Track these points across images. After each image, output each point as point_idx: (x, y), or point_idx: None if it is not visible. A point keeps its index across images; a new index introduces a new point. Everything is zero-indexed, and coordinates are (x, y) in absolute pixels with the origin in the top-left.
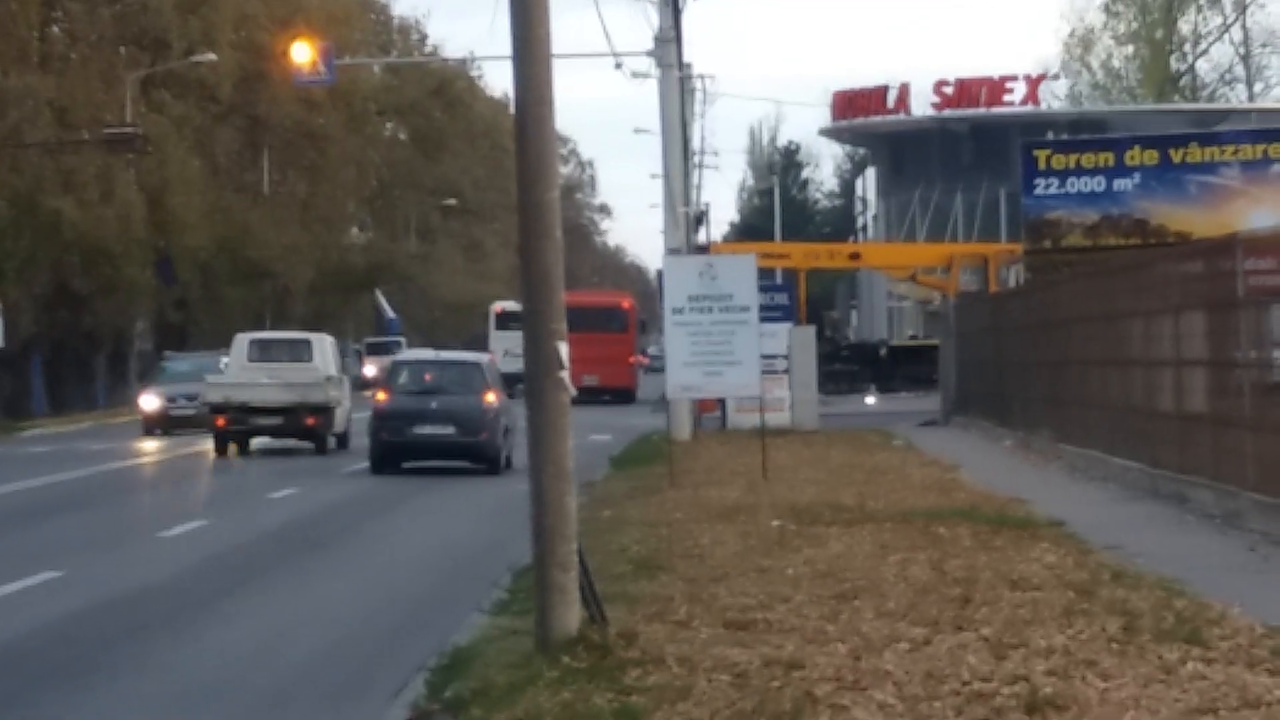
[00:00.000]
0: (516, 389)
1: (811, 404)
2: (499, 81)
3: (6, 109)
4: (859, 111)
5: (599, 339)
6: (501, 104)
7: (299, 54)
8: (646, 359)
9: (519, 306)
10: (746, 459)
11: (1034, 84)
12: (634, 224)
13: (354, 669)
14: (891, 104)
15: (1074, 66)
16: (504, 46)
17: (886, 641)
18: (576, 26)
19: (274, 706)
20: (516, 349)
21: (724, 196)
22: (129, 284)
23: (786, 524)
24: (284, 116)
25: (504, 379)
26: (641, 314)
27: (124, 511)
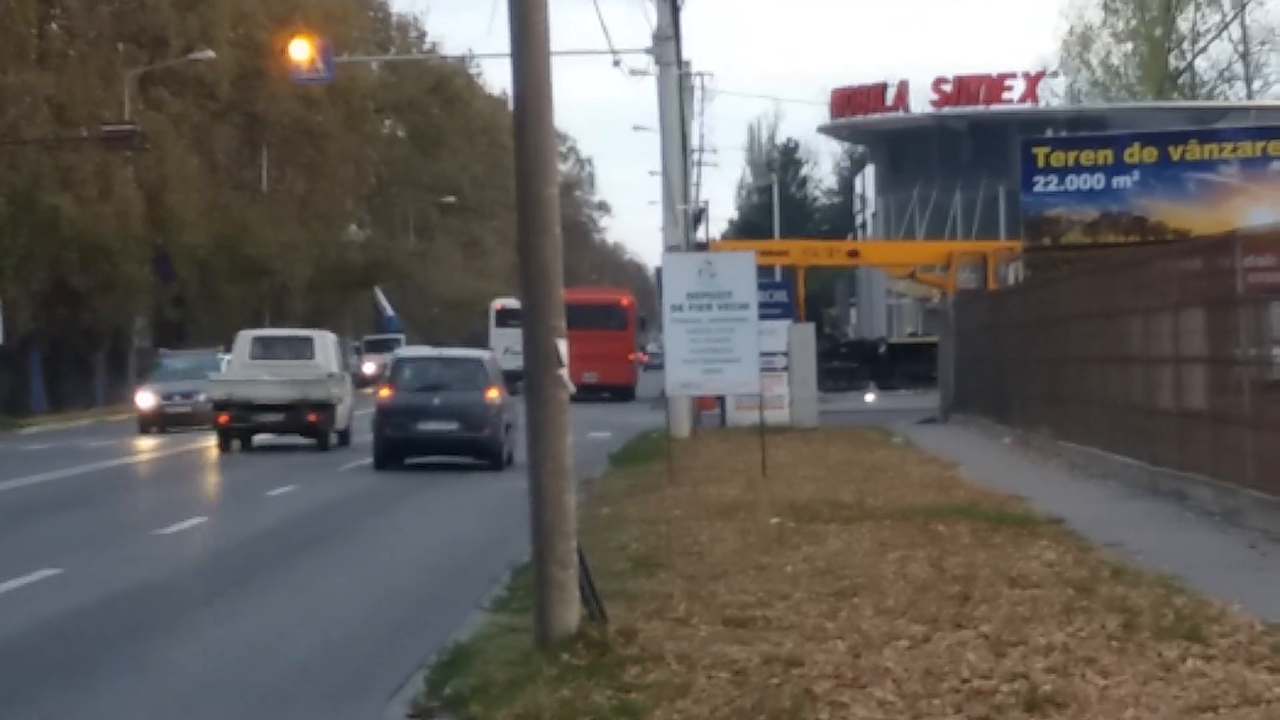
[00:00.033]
0: (517, 386)
1: (810, 401)
2: (498, 79)
3: (5, 106)
4: (858, 109)
5: (598, 336)
6: (500, 101)
7: (297, 51)
8: (646, 356)
9: (519, 304)
10: (746, 456)
11: (1033, 81)
12: (633, 221)
13: (353, 667)
14: (890, 101)
15: (1073, 64)
16: (503, 44)
17: (886, 639)
18: (575, 24)
19: (273, 705)
20: (516, 346)
21: (723, 194)
22: (127, 281)
23: (786, 521)
24: (282, 114)
25: (505, 376)
26: (641, 311)
27: (123, 509)
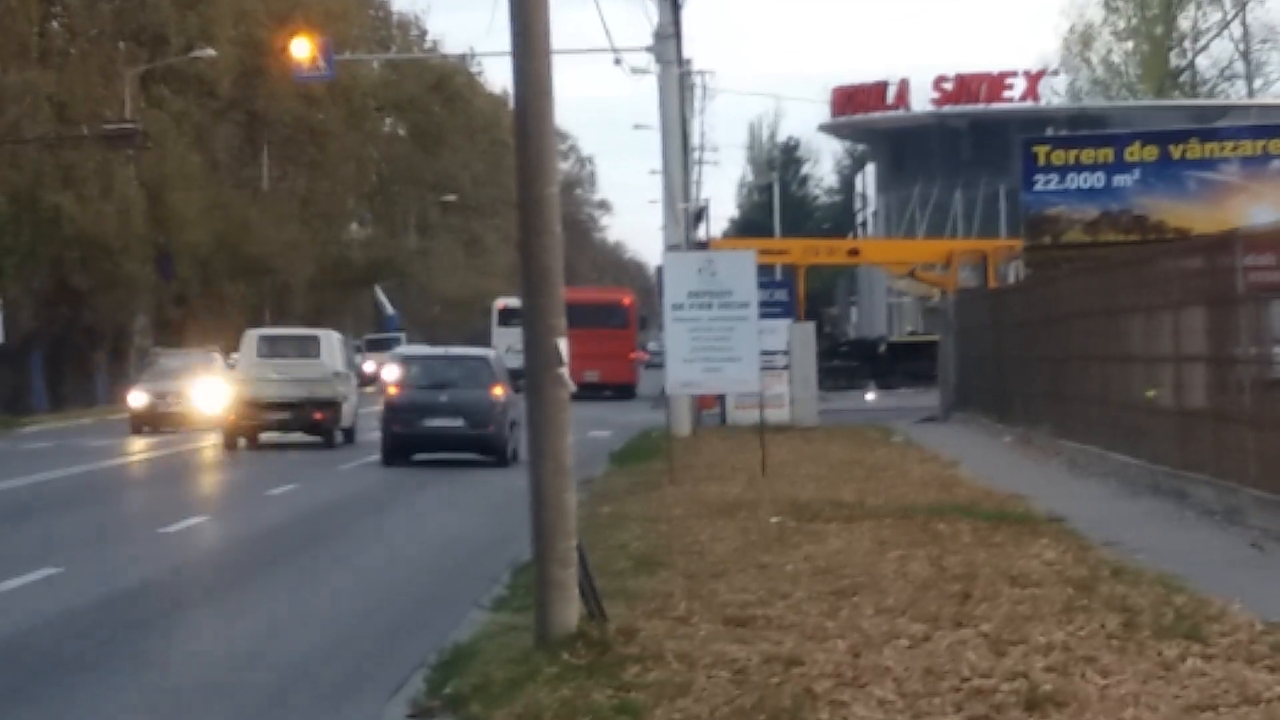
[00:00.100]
0: (520, 384)
1: (811, 400)
2: (498, 77)
3: (6, 104)
4: (858, 107)
5: (599, 335)
6: (501, 99)
7: (298, 49)
8: (646, 355)
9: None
10: (746, 455)
11: (1034, 80)
12: (633, 220)
13: (353, 666)
14: (891, 100)
15: (1074, 62)
16: (503, 42)
17: (886, 638)
18: (576, 22)
19: (273, 704)
20: (519, 345)
21: (723, 192)
22: (129, 280)
23: (786, 520)
24: (283, 112)
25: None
26: (641, 310)
27: (124, 507)
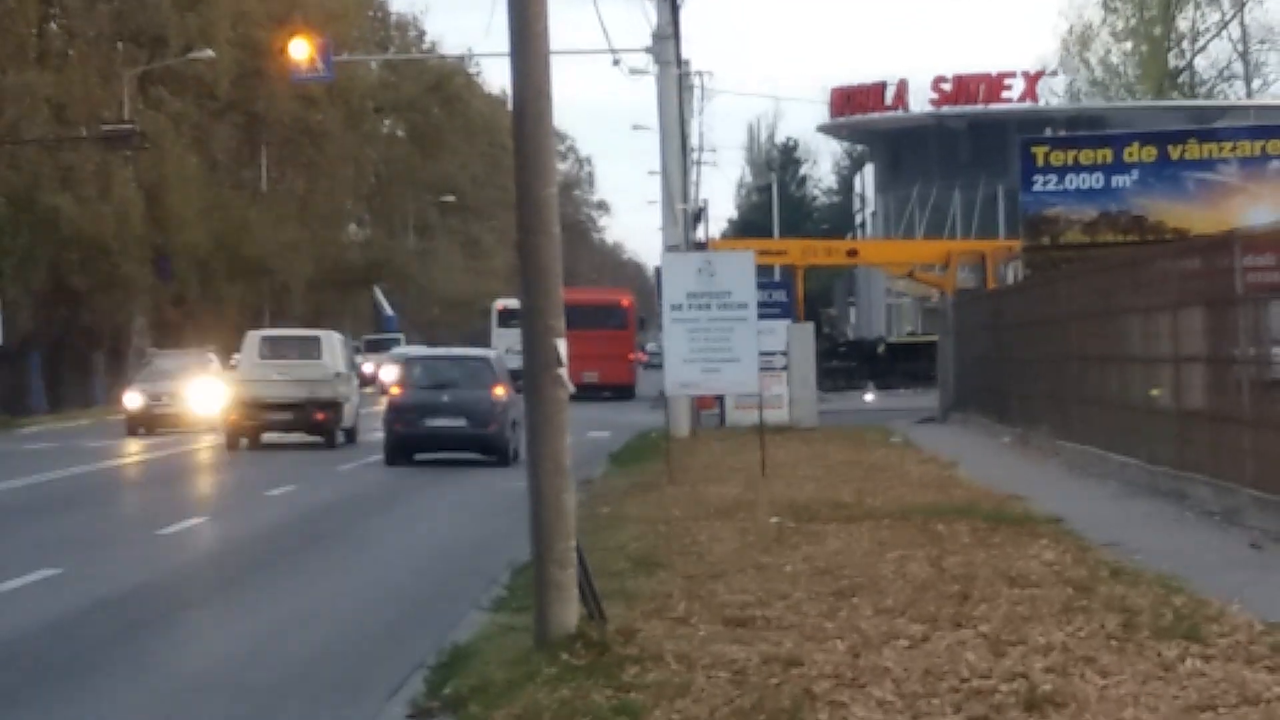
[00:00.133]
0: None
1: (810, 401)
2: (497, 78)
3: (4, 105)
4: (857, 108)
5: (598, 336)
6: (499, 100)
7: (297, 51)
8: (645, 356)
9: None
10: (745, 456)
11: (1032, 80)
12: (632, 221)
13: (352, 666)
14: (890, 101)
15: (1072, 63)
16: (502, 43)
17: (885, 639)
18: (574, 22)
19: (272, 704)
20: (518, 346)
21: (722, 193)
22: (127, 281)
23: (785, 521)
24: (282, 113)
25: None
26: (640, 311)
27: (122, 509)
